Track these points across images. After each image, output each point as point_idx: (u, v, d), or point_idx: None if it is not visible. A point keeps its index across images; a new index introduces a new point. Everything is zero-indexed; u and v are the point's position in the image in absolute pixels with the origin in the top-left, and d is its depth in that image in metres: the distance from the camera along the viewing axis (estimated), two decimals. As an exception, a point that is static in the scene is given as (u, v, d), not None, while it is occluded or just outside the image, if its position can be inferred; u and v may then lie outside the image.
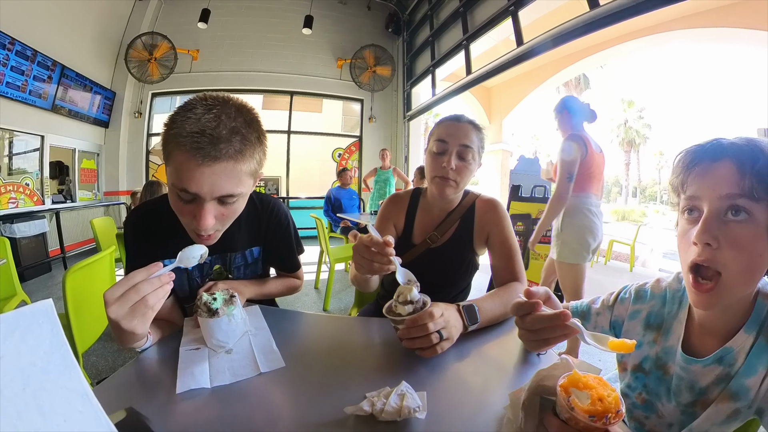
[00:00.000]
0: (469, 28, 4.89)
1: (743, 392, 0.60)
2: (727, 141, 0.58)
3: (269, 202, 1.09)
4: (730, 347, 0.61)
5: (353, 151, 7.44)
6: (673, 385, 0.69)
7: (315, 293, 3.58)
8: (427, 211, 1.20)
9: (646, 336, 0.74)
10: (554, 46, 3.70)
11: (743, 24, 4.71)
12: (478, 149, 1.08)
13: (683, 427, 0.67)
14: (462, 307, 0.80)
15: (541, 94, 8.88)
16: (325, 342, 0.83)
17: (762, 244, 0.53)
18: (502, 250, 1.10)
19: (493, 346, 0.82)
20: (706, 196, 0.56)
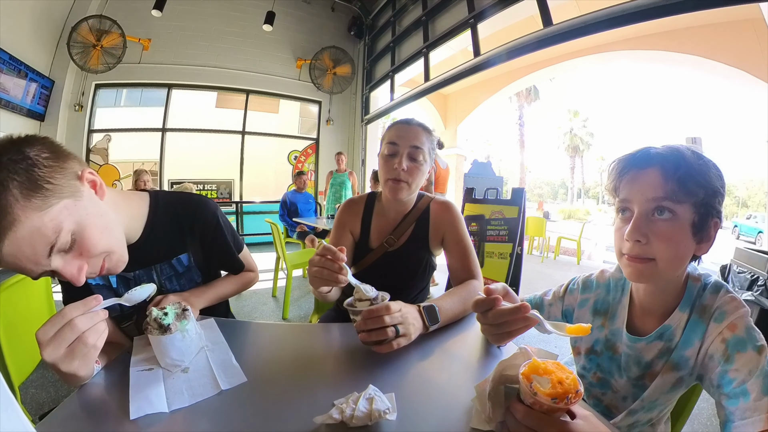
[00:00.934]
0: (430, 36, 5.04)
1: (684, 362, 0.69)
2: (655, 150, 0.67)
3: (191, 203, 0.99)
4: (669, 324, 0.70)
5: (310, 153, 7.27)
6: (623, 362, 0.77)
7: (273, 302, 3.46)
8: (382, 216, 1.21)
9: (594, 321, 0.83)
10: (509, 59, 3.99)
11: (676, 49, 5.65)
12: (429, 151, 1.10)
13: (636, 399, 0.74)
14: (423, 307, 0.82)
15: (494, 103, 9.47)
16: (287, 352, 0.80)
17: (686, 237, 0.64)
18: (457, 249, 1.13)
19: (455, 342, 0.84)
20: (635, 199, 0.66)
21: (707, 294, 0.69)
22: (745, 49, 5.07)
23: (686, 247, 0.64)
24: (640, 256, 0.65)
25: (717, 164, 0.65)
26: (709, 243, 0.66)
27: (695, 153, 0.65)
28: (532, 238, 7.10)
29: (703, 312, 0.68)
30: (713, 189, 0.63)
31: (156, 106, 6.16)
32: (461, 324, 0.92)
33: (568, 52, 6.66)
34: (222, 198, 6.62)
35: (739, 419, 0.55)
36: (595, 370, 0.83)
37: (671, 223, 0.63)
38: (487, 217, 3.24)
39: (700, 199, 0.63)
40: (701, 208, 0.63)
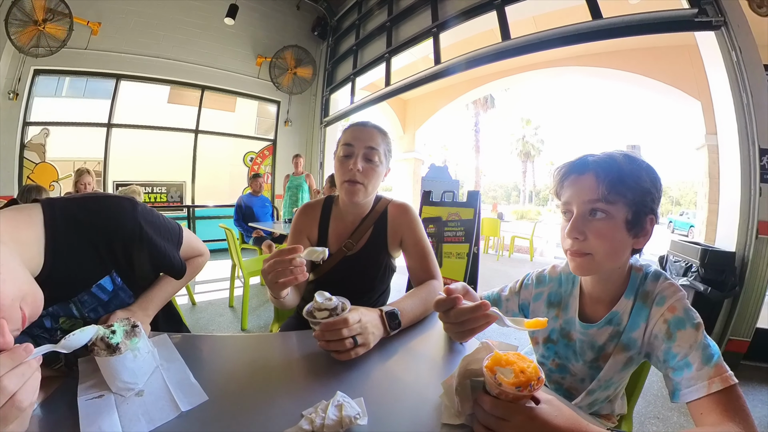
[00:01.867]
0: (393, 42, 5.09)
1: (632, 343, 0.77)
2: (592, 158, 0.75)
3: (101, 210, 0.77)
4: (616, 311, 0.78)
5: (266, 155, 6.97)
6: (578, 348, 0.84)
7: (230, 312, 3.29)
8: (340, 219, 1.20)
9: (549, 312, 0.90)
10: (467, 68, 4.18)
11: (621, 67, 6.41)
12: (384, 152, 1.10)
13: (593, 380, 0.82)
14: (385, 312, 0.83)
15: (452, 109, 9.74)
16: (248, 365, 0.76)
17: (620, 233, 0.72)
18: (416, 251, 1.14)
19: (418, 342, 0.86)
20: (574, 202, 0.74)
21: (648, 282, 0.77)
22: (680, 71, 5.81)
23: (621, 241, 0.72)
24: (579, 252, 0.73)
25: (651, 167, 0.73)
26: (646, 237, 0.74)
27: (629, 157, 0.73)
28: (487, 237, 7.48)
29: (646, 298, 0.76)
30: (643, 189, 0.71)
31: (102, 99, 5.55)
32: (423, 323, 0.95)
33: (523, 65, 7.10)
34: (172, 202, 6.16)
35: (685, 387, 0.64)
36: (554, 357, 0.89)
37: (605, 222, 0.71)
38: (444, 219, 3.36)
39: (630, 199, 0.70)
40: (633, 207, 0.71)
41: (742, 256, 2.67)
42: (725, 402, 0.59)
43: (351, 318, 0.74)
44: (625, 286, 0.78)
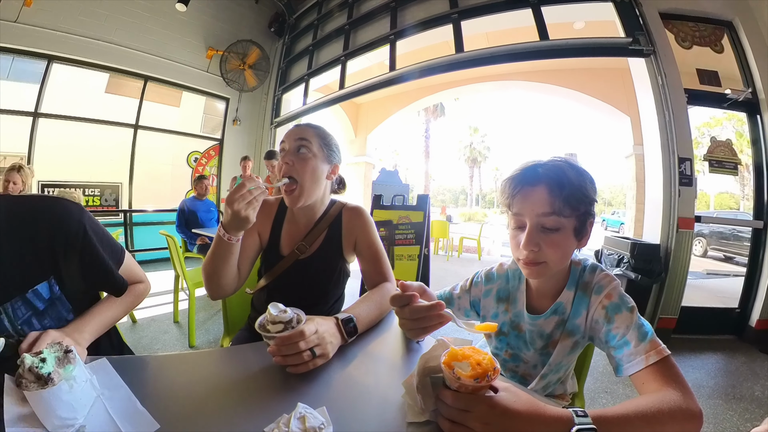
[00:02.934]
0: (350, 45, 5.09)
1: (576, 329, 0.84)
2: (542, 168, 0.77)
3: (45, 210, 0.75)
4: (560, 302, 0.85)
5: (212, 156, 6.46)
6: (528, 337, 0.90)
7: (176, 329, 3.00)
8: (293, 222, 1.18)
9: (499, 307, 0.95)
10: (421, 77, 4.32)
11: (561, 84, 7.16)
12: (321, 146, 1.08)
13: (544, 365, 0.88)
14: (341, 320, 0.82)
15: (404, 115, 9.95)
16: (201, 384, 0.71)
17: (570, 240, 0.78)
18: (369, 254, 1.13)
19: (376, 344, 0.86)
20: (527, 214, 0.76)
21: (587, 274, 0.85)
22: (613, 90, 6.68)
23: (570, 247, 0.79)
24: (534, 262, 0.77)
25: (591, 176, 0.79)
26: (587, 238, 0.80)
27: (574, 167, 0.78)
28: (437, 239, 7.73)
29: (585, 288, 0.83)
30: (590, 200, 0.78)
31: (29, 82, 4.73)
32: (380, 326, 0.95)
33: (473, 77, 7.49)
34: (107, 206, 5.43)
35: (626, 363, 0.71)
36: (506, 348, 0.95)
37: (558, 233, 0.76)
38: (394, 222, 3.41)
39: (581, 211, 0.77)
40: (581, 217, 0.77)
41: (665, 247, 3.12)
42: (662, 371, 0.66)
43: (307, 330, 0.72)
44: (567, 279, 0.85)
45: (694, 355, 2.88)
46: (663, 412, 0.57)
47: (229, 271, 1.00)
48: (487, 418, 0.50)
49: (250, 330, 1.22)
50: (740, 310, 3.33)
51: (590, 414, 0.54)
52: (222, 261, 0.97)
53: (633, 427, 0.55)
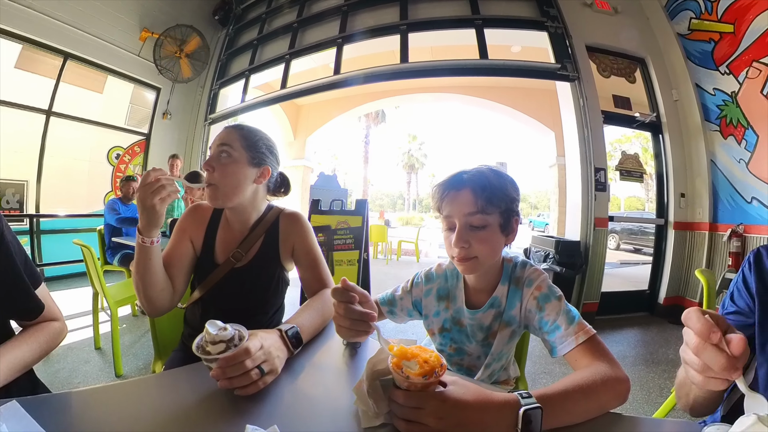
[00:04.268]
0: (297, 44, 4.97)
1: (512, 320, 0.91)
2: (467, 174, 0.86)
3: None
4: (496, 296, 0.92)
5: (137, 152, 5.62)
6: (469, 331, 0.96)
7: (98, 357, 2.53)
8: (228, 228, 1.12)
9: (440, 305, 1.00)
10: (364, 83, 4.39)
11: (495, 99, 7.92)
12: (245, 149, 1.03)
13: (487, 355, 0.95)
14: (285, 332, 0.79)
15: (345, 120, 9.98)
16: (133, 418, 0.61)
17: (497, 236, 0.85)
18: (308, 260, 1.11)
19: (321, 354, 0.85)
20: (456, 215, 0.83)
21: (518, 269, 0.92)
22: (541, 108, 7.49)
23: (498, 242, 0.86)
24: (466, 257, 0.83)
25: (512, 178, 0.88)
26: (514, 234, 0.88)
27: (495, 172, 0.87)
28: (376, 243, 7.78)
29: (518, 282, 0.91)
30: (511, 198, 0.85)
31: None
32: (324, 334, 0.94)
33: (415, 87, 7.81)
34: (8, 209, 4.35)
35: (559, 344, 0.78)
36: (450, 343, 1.00)
37: (485, 230, 0.83)
38: (333, 227, 3.39)
39: (503, 208, 0.84)
40: (505, 213, 0.85)
41: (585, 243, 3.63)
42: (591, 348, 0.74)
43: (252, 346, 0.66)
44: (500, 275, 0.93)
45: (616, 332, 3.41)
46: (596, 383, 0.64)
47: (154, 280, 0.93)
48: (440, 412, 0.53)
49: (185, 350, 1.11)
50: (650, 291, 4.07)
51: (534, 394, 0.58)
52: (144, 270, 0.91)
53: (573, 399, 0.61)
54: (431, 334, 1.05)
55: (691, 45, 3.81)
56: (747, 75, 3.33)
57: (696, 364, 0.47)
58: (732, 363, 0.44)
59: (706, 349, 0.45)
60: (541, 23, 3.90)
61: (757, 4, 3.15)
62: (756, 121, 3.30)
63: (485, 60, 3.85)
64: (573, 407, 0.60)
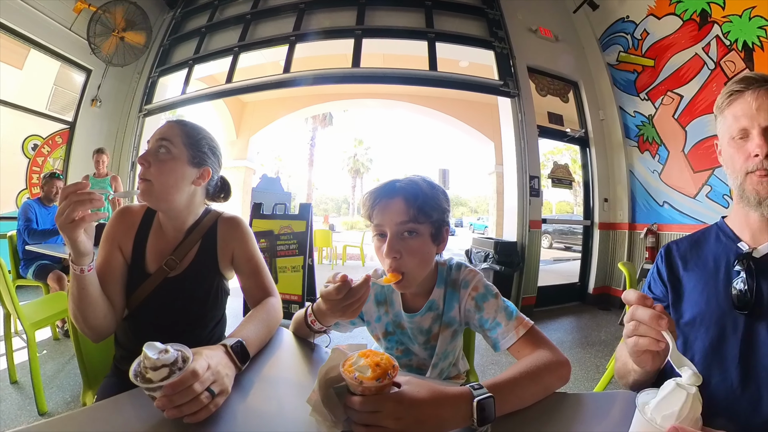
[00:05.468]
0: (248, 37, 4.79)
1: (452, 320, 0.94)
2: (398, 183, 0.86)
3: None
4: (433, 299, 0.94)
5: (58, 144, 4.87)
6: (411, 334, 0.97)
7: (15, 392, 2.12)
8: (161, 234, 1.03)
9: (380, 310, 1.00)
10: (314, 84, 4.44)
11: (441, 110, 8.35)
12: (186, 147, 0.97)
13: (433, 356, 0.96)
14: (230, 347, 0.73)
15: (291, 120, 9.75)
16: None
17: (428, 246, 0.86)
18: (249, 267, 1.04)
19: (270, 367, 0.80)
20: (387, 224, 0.82)
21: (453, 272, 0.95)
22: (483, 120, 8.04)
23: (429, 252, 0.87)
24: (397, 270, 0.82)
25: (444, 189, 0.90)
26: (444, 243, 0.90)
27: (428, 182, 0.88)
28: (320, 248, 7.72)
29: (454, 284, 0.93)
30: (443, 209, 0.87)
31: None
32: (270, 346, 0.88)
33: (364, 92, 7.88)
34: None
35: (501, 340, 0.82)
36: (396, 345, 1.01)
37: (417, 239, 0.83)
38: (276, 232, 3.31)
39: (435, 218, 0.85)
40: (436, 223, 0.86)
41: (521, 243, 4.05)
42: (531, 338, 0.79)
43: (199, 367, 0.60)
44: (435, 279, 0.94)
45: (553, 321, 3.84)
46: (541, 368, 0.69)
47: (95, 308, 0.86)
48: (398, 413, 0.53)
49: (119, 374, 1.00)
50: (580, 283, 4.71)
51: (485, 385, 0.61)
52: (81, 299, 0.84)
53: (521, 385, 0.65)
54: (377, 340, 1.05)
55: (617, 74, 4.50)
56: (662, 102, 4.04)
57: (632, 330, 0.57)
58: (658, 314, 0.54)
59: (639, 308, 0.56)
60: (489, 43, 4.27)
61: (674, 45, 3.84)
62: (668, 139, 4.04)
63: (434, 72, 4.07)
64: (522, 392, 0.65)
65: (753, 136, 0.69)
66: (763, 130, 0.68)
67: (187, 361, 0.59)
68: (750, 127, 0.70)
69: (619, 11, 4.32)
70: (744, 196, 0.72)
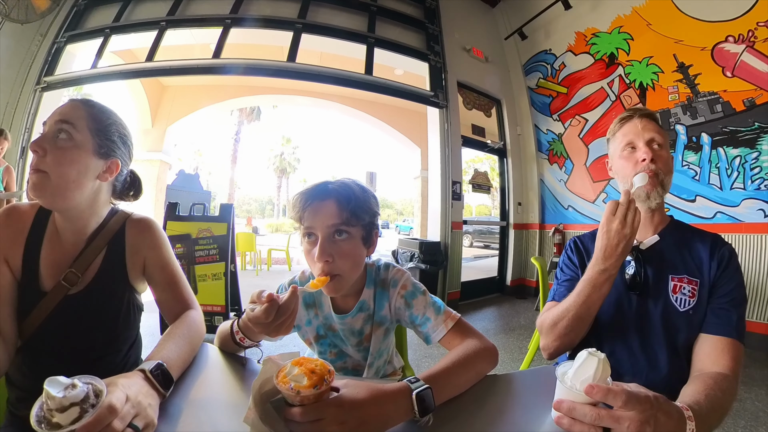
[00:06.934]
0: (178, 12, 4.22)
1: (383, 319, 0.95)
2: (331, 185, 0.84)
3: None
4: (363, 299, 0.94)
5: None
6: (343, 335, 0.97)
7: None
8: (57, 240, 0.85)
9: (309, 313, 0.98)
10: (245, 74, 4.12)
11: (373, 114, 8.52)
12: (92, 134, 0.82)
13: (367, 356, 0.96)
14: (149, 372, 0.64)
15: (216, 111, 8.93)
16: None
17: (359, 248, 0.86)
18: (164, 277, 0.92)
19: (198, 388, 0.72)
20: (318, 226, 0.81)
21: (382, 272, 0.97)
22: (411, 126, 8.42)
23: (360, 254, 0.87)
24: (330, 274, 0.80)
25: (374, 194, 0.91)
26: (374, 246, 0.91)
27: (359, 185, 0.87)
28: (243, 253, 7.23)
29: (383, 284, 0.95)
30: (373, 212, 0.88)
31: None
32: (195, 365, 0.80)
33: (296, 89, 7.65)
34: None
35: (432, 333, 0.86)
36: (329, 348, 0.99)
37: (348, 242, 0.82)
38: (194, 236, 3.00)
39: (366, 221, 0.86)
40: (367, 227, 0.87)
41: (444, 243, 4.35)
42: (459, 330, 0.84)
43: (116, 401, 0.52)
44: (365, 279, 0.95)
45: (477, 312, 4.24)
46: (471, 355, 0.74)
47: None
48: (340, 417, 0.53)
49: (17, 422, 0.81)
50: (499, 276, 5.27)
51: (421, 377, 0.64)
52: None
53: (455, 374, 0.69)
54: (309, 344, 1.03)
55: (536, 96, 5.19)
56: (571, 123, 4.78)
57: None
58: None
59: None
60: (425, 55, 4.50)
61: (585, 78, 4.57)
62: (573, 155, 4.78)
63: (370, 76, 4.13)
64: (456, 380, 0.69)
65: (640, 147, 0.93)
66: (646, 143, 0.93)
67: (101, 396, 0.51)
68: (637, 141, 0.94)
69: (543, 44, 4.99)
70: (635, 193, 0.88)
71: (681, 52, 3.61)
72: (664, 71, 3.77)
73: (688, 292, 0.87)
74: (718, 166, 3.40)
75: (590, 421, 0.54)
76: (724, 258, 0.88)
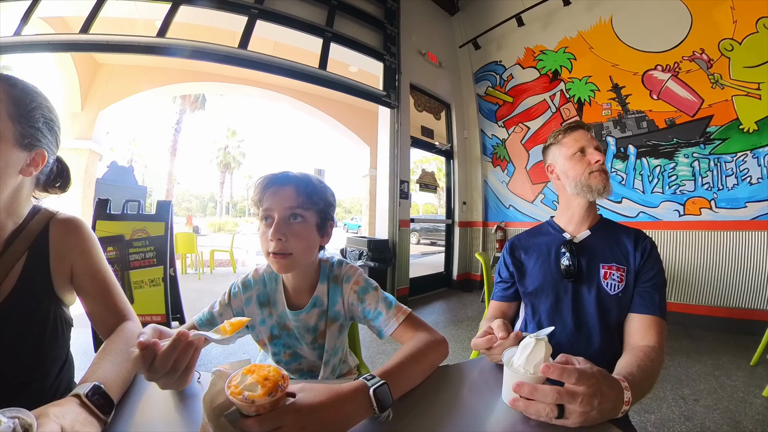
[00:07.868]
0: None
1: (337, 315, 0.96)
2: (292, 174, 0.90)
3: None
4: (317, 295, 0.95)
5: None
6: (297, 334, 0.97)
7: None
8: None
9: (263, 312, 0.97)
10: (191, 58, 3.67)
11: (324, 109, 8.48)
12: (11, 119, 0.69)
13: (322, 356, 0.97)
14: (84, 395, 0.57)
15: (155, 96, 8.08)
16: None
17: (313, 233, 0.89)
18: (95, 286, 0.82)
19: (144, 408, 0.66)
20: (276, 208, 0.84)
21: (335, 268, 0.98)
22: (362, 124, 8.59)
23: (314, 240, 0.89)
24: (281, 252, 0.83)
25: (331, 188, 0.96)
26: (329, 237, 0.95)
27: (319, 180, 0.94)
28: (183, 255, 6.68)
29: (336, 280, 0.97)
30: (328, 202, 0.92)
31: None
32: (137, 383, 0.73)
33: (245, 78, 7.35)
34: None
35: (384, 327, 0.89)
36: (283, 349, 0.99)
37: (302, 225, 0.86)
38: (128, 237, 2.73)
39: (320, 207, 0.90)
40: (321, 214, 0.90)
41: (392, 240, 4.47)
42: (410, 324, 0.87)
43: None
44: (318, 275, 0.97)
45: (426, 306, 4.40)
46: (422, 349, 0.77)
47: None
48: (300, 422, 0.52)
49: None
50: (446, 272, 5.55)
51: (376, 374, 0.65)
52: None
53: (409, 367, 0.71)
54: (262, 345, 1.02)
55: (483, 103, 5.53)
56: (514, 130, 5.17)
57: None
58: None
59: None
60: (381, 55, 4.52)
61: (530, 90, 4.97)
62: (515, 159, 5.19)
63: (324, 71, 4.03)
64: (411, 373, 0.71)
65: (591, 152, 1.06)
66: (595, 148, 1.07)
67: (30, 430, 0.45)
68: (587, 146, 1.07)
69: (495, 55, 5.37)
70: (590, 190, 1.04)
71: (616, 75, 4.13)
72: (600, 90, 4.29)
73: (617, 278, 1.00)
74: (641, 174, 3.97)
75: (551, 401, 0.58)
76: (646, 249, 1.02)
